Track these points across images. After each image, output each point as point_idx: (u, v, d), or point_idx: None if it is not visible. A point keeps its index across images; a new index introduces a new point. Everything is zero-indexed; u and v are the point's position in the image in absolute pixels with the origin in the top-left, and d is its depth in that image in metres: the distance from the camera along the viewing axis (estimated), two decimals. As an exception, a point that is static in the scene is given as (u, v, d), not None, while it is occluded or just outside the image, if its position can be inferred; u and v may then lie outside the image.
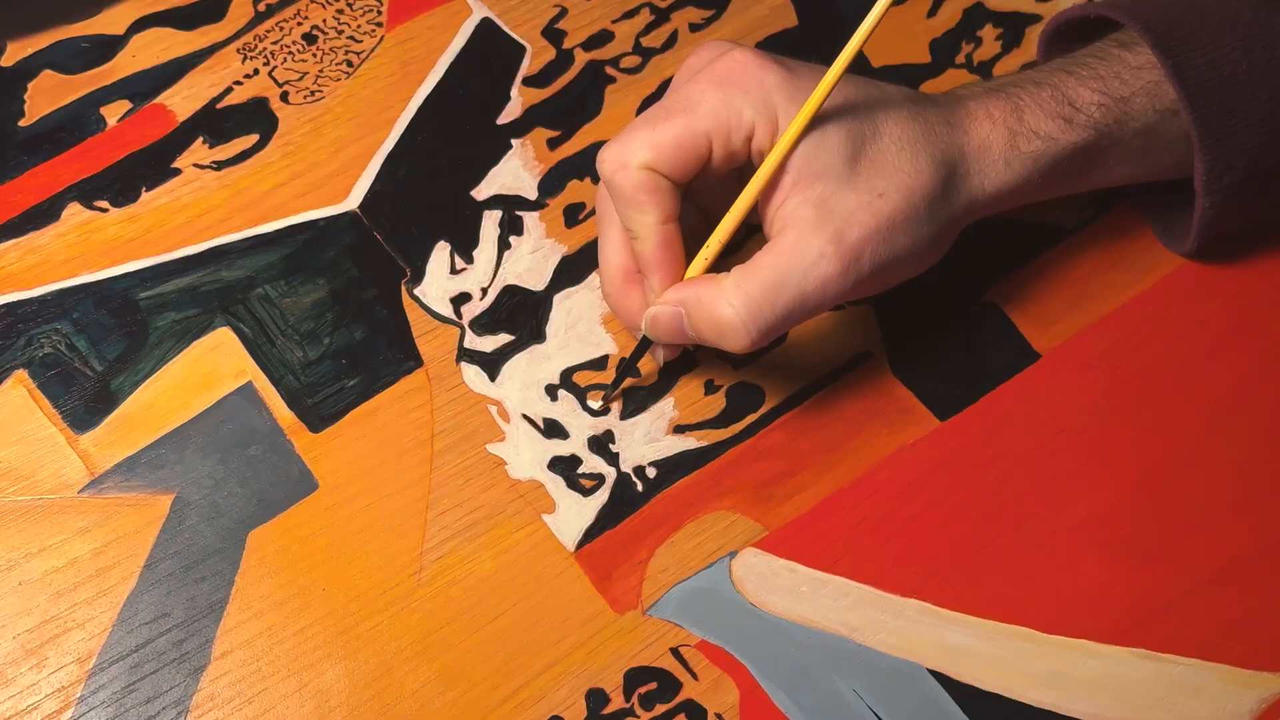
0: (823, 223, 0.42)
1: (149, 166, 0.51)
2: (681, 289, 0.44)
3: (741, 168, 0.45)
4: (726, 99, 0.43)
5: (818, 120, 0.42)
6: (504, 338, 0.49)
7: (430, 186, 0.52)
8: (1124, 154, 0.47)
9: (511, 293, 0.50)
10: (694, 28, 0.55)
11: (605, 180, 0.43)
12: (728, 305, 0.42)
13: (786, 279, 0.42)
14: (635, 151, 0.43)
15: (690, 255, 0.45)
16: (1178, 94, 0.45)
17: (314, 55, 0.54)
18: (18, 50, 0.53)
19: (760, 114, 0.43)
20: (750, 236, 0.50)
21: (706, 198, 0.47)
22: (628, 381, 0.49)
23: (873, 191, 0.42)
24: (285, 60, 0.54)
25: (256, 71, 0.53)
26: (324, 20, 0.55)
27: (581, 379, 0.48)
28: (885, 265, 0.43)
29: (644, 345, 0.47)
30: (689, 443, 0.48)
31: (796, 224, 0.42)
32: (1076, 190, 0.48)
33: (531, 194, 0.52)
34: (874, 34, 0.55)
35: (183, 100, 0.53)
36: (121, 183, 0.51)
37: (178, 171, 0.51)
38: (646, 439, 0.48)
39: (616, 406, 0.48)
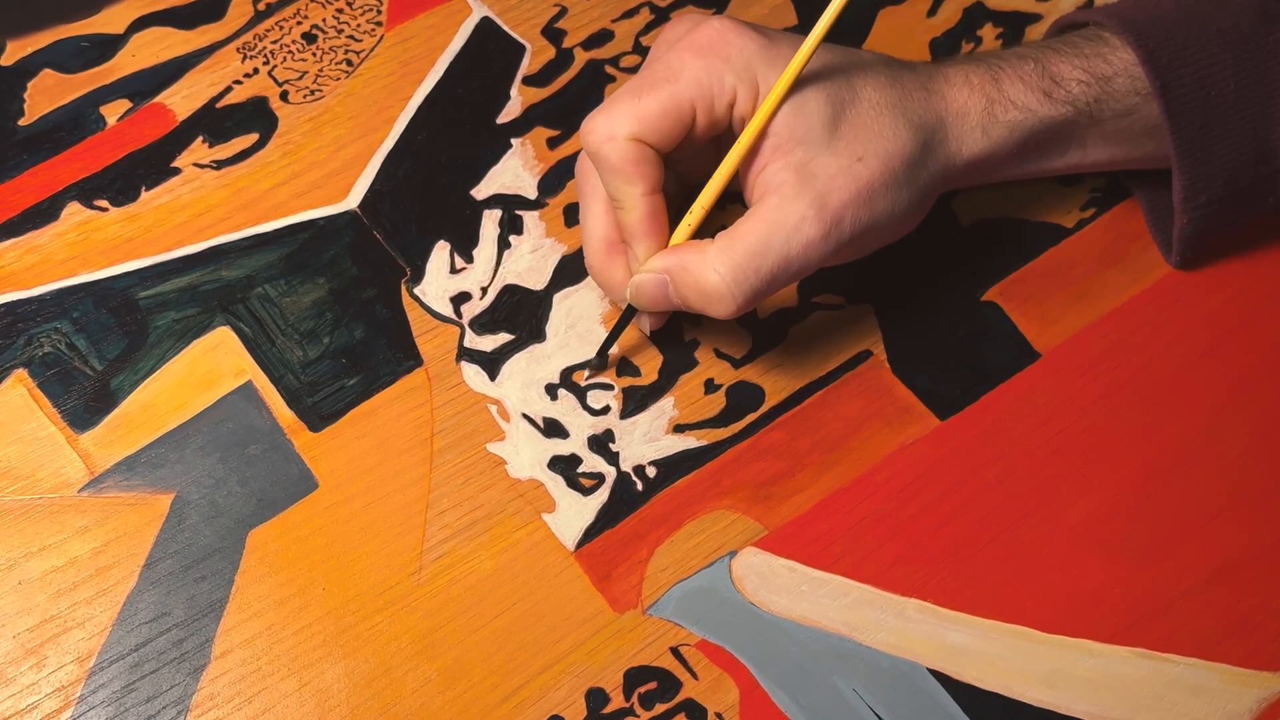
0: (804, 187, 0.42)
1: (149, 166, 0.51)
2: (666, 256, 0.44)
3: (720, 137, 0.45)
4: (709, 66, 0.43)
5: (797, 86, 0.43)
6: (504, 337, 0.49)
7: (430, 186, 0.52)
8: (1103, 135, 0.47)
9: (511, 292, 0.50)
10: (694, 27, 0.55)
11: (591, 153, 0.44)
12: (713, 271, 0.42)
13: (770, 244, 0.42)
14: (621, 123, 0.43)
15: (671, 223, 0.45)
16: (1161, 112, 0.45)
17: (314, 54, 0.54)
18: (17, 49, 0.53)
19: (742, 81, 0.43)
20: (730, 205, 0.50)
21: (684, 165, 0.47)
22: (627, 381, 0.49)
23: (852, 156, 0.43)
24: (285, 59, 0.54)
25: (256, 71, 0.53)
26: (324, 20, 0.55)
27: (581, 378, 0.48)
28: (865, 229, 0.43)
29: (629, 314, 0.47)
30: (689, 442, 0.48)
31: (778, 189, 0.43)
32: (1057, 169, 0.48)
33: (531, 193, 0.52)
34: (873, 33, 0.56)
35: (182, 99, 0.53)
36: (121, 182, 0.51)
37: (177, 171, 0.51)
38: (646, 438, 0.48)
39: (617, 405, 0.48)
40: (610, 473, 0.47)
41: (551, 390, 0.48)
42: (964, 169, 0.46)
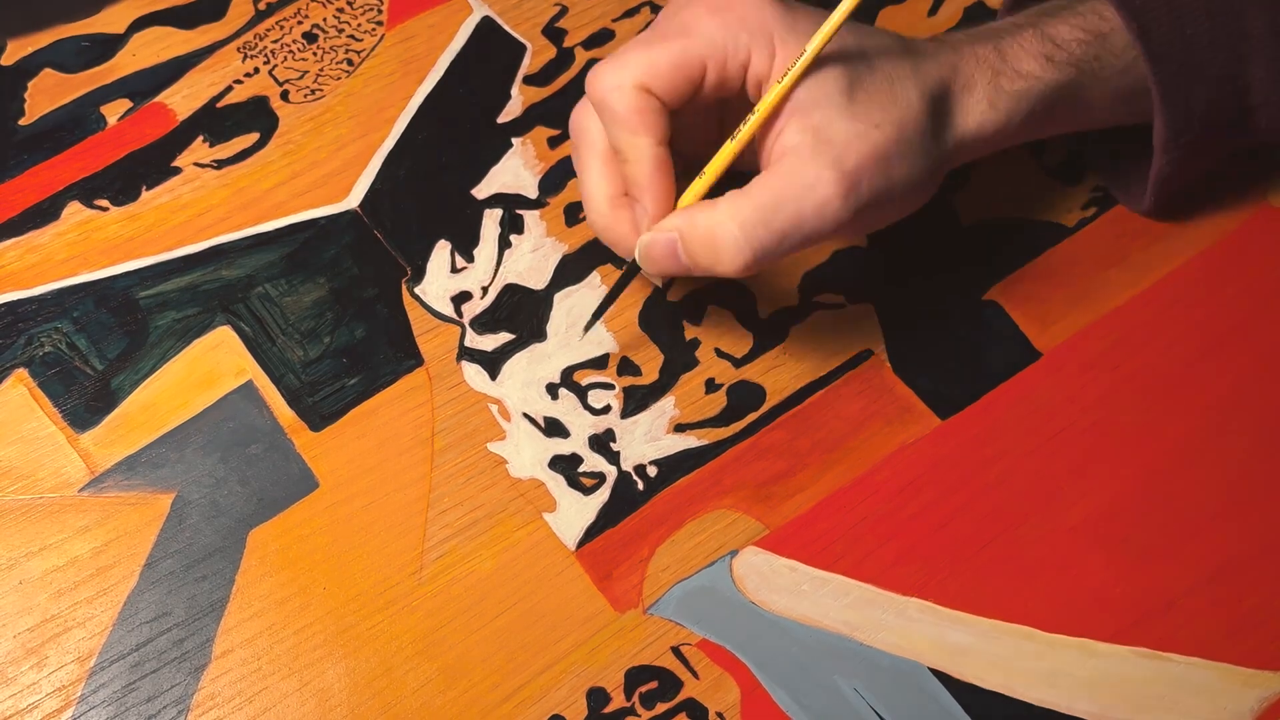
0: (821, 149, 0.42)
1: (149, 165, 0.51)
2: (676, 216, 0.44)
3: (724, 106, 0.45)
4: (725, 25, 0.43)
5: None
6: (504, 336, 0.49)
7: (431, 185, 0.52)
8: (1106, 93, 0.47)
9: (512, 291, 0.50)
10: (694, 27, 0.55)
11: (596, 101, 0.43)
12: (722, 226, 0.42)
13: (783, 200, 0.42)
14: (630, 72, 0.42)
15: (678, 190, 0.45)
16: (1141, 54, 0.46)
17: (314, 54, 0.54)
18: (18, 49, 0.53)
19: (757, 42, 0.43)
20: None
21: (686, 139, 0.46)
22: (628, 380, 0.49)
23: (869, 121, 0.42)
24: (285, 59, 0.54)
25: (257, 70, 0.53)
26: (324, 19, 0.55)
27: (582, 377, 0.48)
28: (881, 194, 0.43)
29: (632, 271, 0.46)
30: (690, 441, 0.48)
31: (795, 150, 0.42)
32: (1063, 130, 0.49)
33: (532, 193, 0.52)
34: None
35: (183, 99, 0.53)
36: (122, 181, 0.51)
37: (178, 170, 0.51)
38: (647, 437, 0.48)
39: (617, 404, 0.48)
40: (611, 472, 0.47)
41: (552, 390, 0.48)
42: (973, 141, 0.45)
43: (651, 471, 0.47)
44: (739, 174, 0.45)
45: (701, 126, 0.46)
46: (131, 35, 0.54)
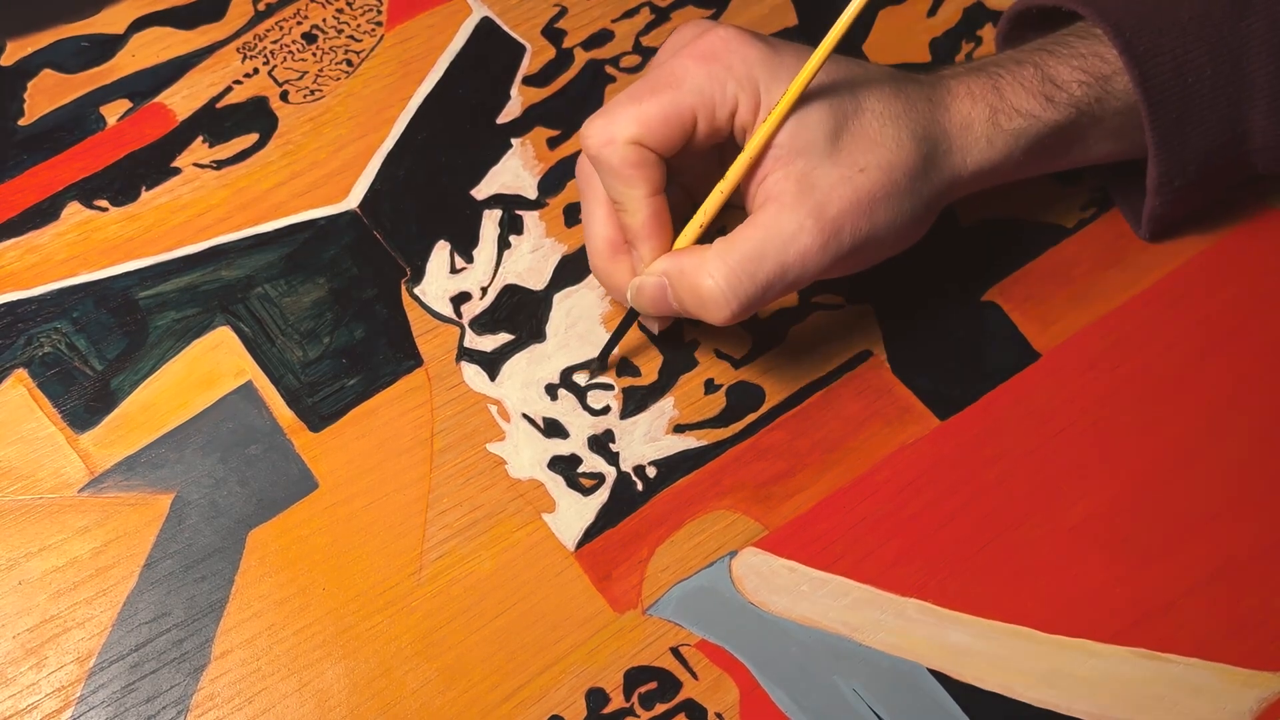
0: (803, 197, 0.42)
1: (149, 166, 0.51)
2: (666, 260, 0.44)
3: (722, 146, 0.45)
4: (711, 74, 0.43)
5: (802, 98, 0.43)
6: (504, 337, 0.49)
7: (430, 186, 0.52)
8: (1104, 133, 0.47)
9: (511, 292, 0.50)
10: (694, 27, 0.55)
11: (592, 156, 0.43)
12: (709, 276, 0.42)
13: (766, 251, 0.42)
14: (622, 126, 0.43)
15: (675, 232, 0.45)
16: (1140, 100, 0.46)
17: (314, 54, 0.54)
18: (17, 49, 0.53)
19: (744, 90, 0.43)
20: (738, 218, 0.50)
21: (689, 176, 0.47)
22: (627, 381, 0.49)
23: (854, 166, 0.43)
24: (285, 59, 0.54)
25: (256, 71, 0.53)
26: (324, 20, 0.55)
27: (581, 378, 0.48)
28: (865, 240, 0.43)
29: (632, 316, 0.47)
30: (689, 442, 0.48)
31: (778, 198, 0.43)
32: (1059, 168, 0.49)
33: (531, 193, 0.52)
34: (873, 33, 0.56)
35: (182, 99, 0.53)
36: (121, 182, 0.51)
37: (177, 171, 0.51)
38: (646, 438, 0.48)
39: (617, 405, 0.48)
40: (610, 473, 0.47)
41: (551, 390, 0.48)
42: (969, 180, 0.46)
43: (651, 472, 0.47)
44: (738, 206, 0.45)
45: (701, 165, 0.46)
46: (131, 35, 0.54)
